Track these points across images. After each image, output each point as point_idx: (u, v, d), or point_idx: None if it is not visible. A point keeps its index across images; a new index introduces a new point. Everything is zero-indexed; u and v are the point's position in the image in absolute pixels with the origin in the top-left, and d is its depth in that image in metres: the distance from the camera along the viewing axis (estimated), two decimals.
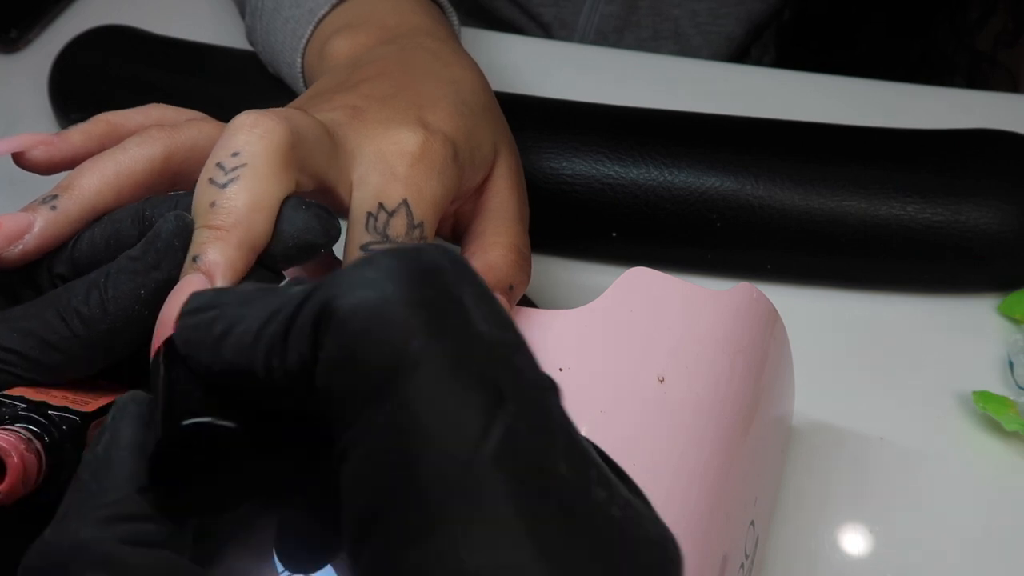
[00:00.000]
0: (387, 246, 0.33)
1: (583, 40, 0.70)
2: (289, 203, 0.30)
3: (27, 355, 0.27)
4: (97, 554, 0.22)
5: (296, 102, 0.40)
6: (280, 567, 0.28)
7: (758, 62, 0.73)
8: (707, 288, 0.35)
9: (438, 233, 0.39)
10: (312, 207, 0.31)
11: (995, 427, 0.45)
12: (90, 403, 0.28)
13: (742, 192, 0.48)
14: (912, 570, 0.41)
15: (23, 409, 0.26)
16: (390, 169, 0.34)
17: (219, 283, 0.28)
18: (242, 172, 0.29)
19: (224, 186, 0.29)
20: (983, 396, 0.45)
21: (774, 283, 0.50)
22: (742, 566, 0.34)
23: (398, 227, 0.33)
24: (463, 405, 0.19)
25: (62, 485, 0.26)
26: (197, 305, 0.23)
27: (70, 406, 0.27)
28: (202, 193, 0.29)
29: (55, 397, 0.27)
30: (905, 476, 0.44)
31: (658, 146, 0.49)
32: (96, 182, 0.31)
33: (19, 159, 0.33)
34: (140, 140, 0.32)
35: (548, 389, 0.21)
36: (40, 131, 0.57)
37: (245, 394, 0.23)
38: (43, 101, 0.58)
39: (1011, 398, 0.45)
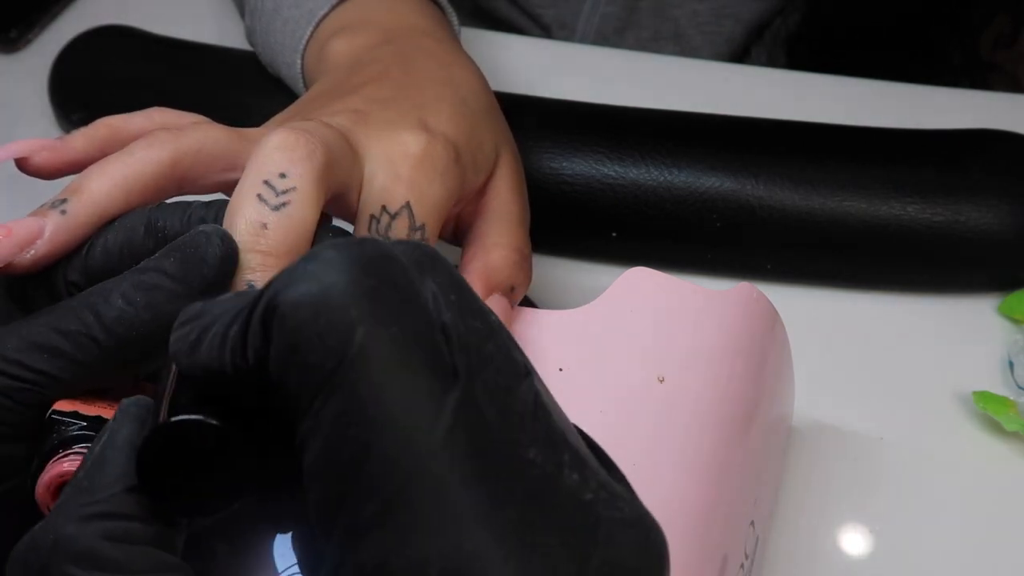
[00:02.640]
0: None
1: (583, 41, 0.70)
2: (322, 231, 0.31)
3: (58, 376, 0.27)
4: (77, 547, 0.22)
5: (297, 104, 0.40)
6: (279, 565, 0.28)
7: (758, 62, 0.73)
8: (707, 288, 0.35)
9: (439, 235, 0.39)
10: (337, 236, 0.31)
11: (995, 427, 0.45)
12: None
13: (742, 192, 0.48)
14: (912, 570, 0.41)
15: (82, 428, 0.26)
16: (395, 170, 0.34)
17: None
18: (293, 197, 0.30)
19: (276, 208, 0.29)
20: (983, 396, 0.45)
21: (774, 283, 0.50)
22: (742, 566, 0.34)
23: (400, 229, 0.34)
24: (413, 392, 0.19)
25: None
26: (184, 318, 0.24)
27: None
28: (250, 209, 0.29)
29: (104, 409, 0.27)
30: (905, 476, 0.44)
31: (658, 146, 0.49)
32: (106, 185, 0.31)
33: (22, 164, 0.33)
34: (147, 144, 0.32)
35: (521, 375, 0.21)
36: (40, 131, 0.58)
37: (231, 394, 0.23)
38: (43, 101, 0.58)
39: (1011, 398, 0.45)
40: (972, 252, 0.47)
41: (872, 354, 0.48)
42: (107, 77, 0.56)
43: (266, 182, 0.30)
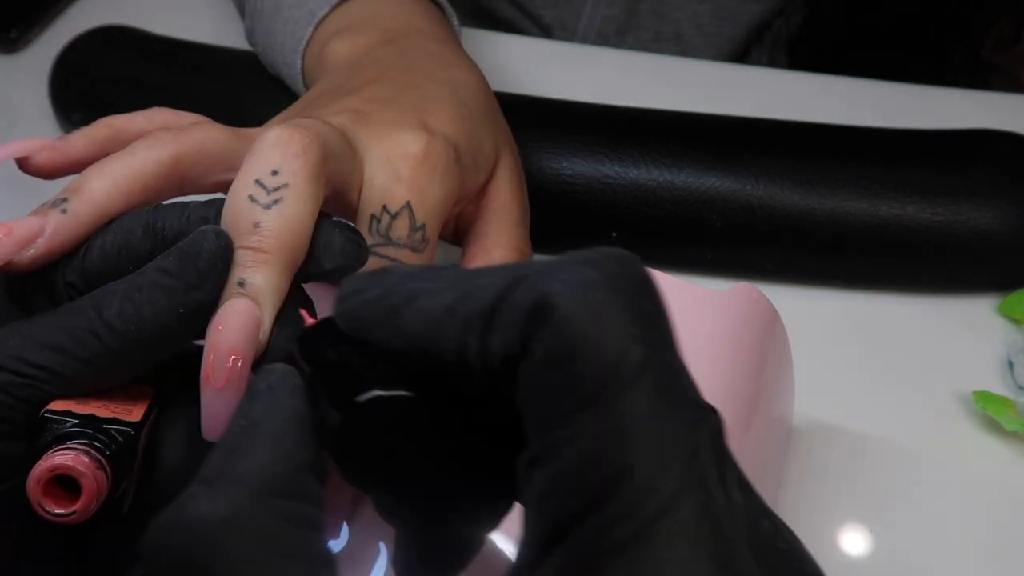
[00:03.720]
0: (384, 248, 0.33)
1: (584, 42, 0.70)
2: (323, 226, 0.30)
3: (59, 372, 0.27)
4: (258, 531, 0.20)
5: (297, 105, 0.40)
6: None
7: (759, 63, 0.73)
8: (707, 288, 0.35)
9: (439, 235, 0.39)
10: (344, 229, 0.31)
11: (995, 427, 0.45)
12: (132, 411, 0.28)
13: (742, 192, 0.48)
14: (912, 570, 0.41)
15: (75, 425, 0.26)
16: (395, 171, 0.34)
17: (266, 309, 0.28)
18: (285, 193, 0.29)
19: (268, 207, 0.29)
20: (983, 396, 0.45)
21: (774, 283, 0.50)
22: None
23: (400, 230, 0.34)
24: (677, 423, 0.19)
25: (118, 500, 0.26)
26: (356, 287, 0.23)
27: (119, 417, 0.27)
28: (242, 209, 0.29)
29: (98, 408, 0.27)
30: (905, 476, 0.44)
31: (658, 146, 0.49)
32: (106, 185, 0.30)
33: (23, 164, 0.32)
34: (148, 143, 0.31)
35: (714, 411, 0.21)
36: (40, 131, 0.58)
37: (411, 371, 0.22)
38: (43, 101, 0.58)
39: (1011, 398, 0.45)
40: (972, 252, 0.47)
41: (872, 354, 0.48)
42: (107, 77, 0.56)
43: (257, 181, 0.29)
